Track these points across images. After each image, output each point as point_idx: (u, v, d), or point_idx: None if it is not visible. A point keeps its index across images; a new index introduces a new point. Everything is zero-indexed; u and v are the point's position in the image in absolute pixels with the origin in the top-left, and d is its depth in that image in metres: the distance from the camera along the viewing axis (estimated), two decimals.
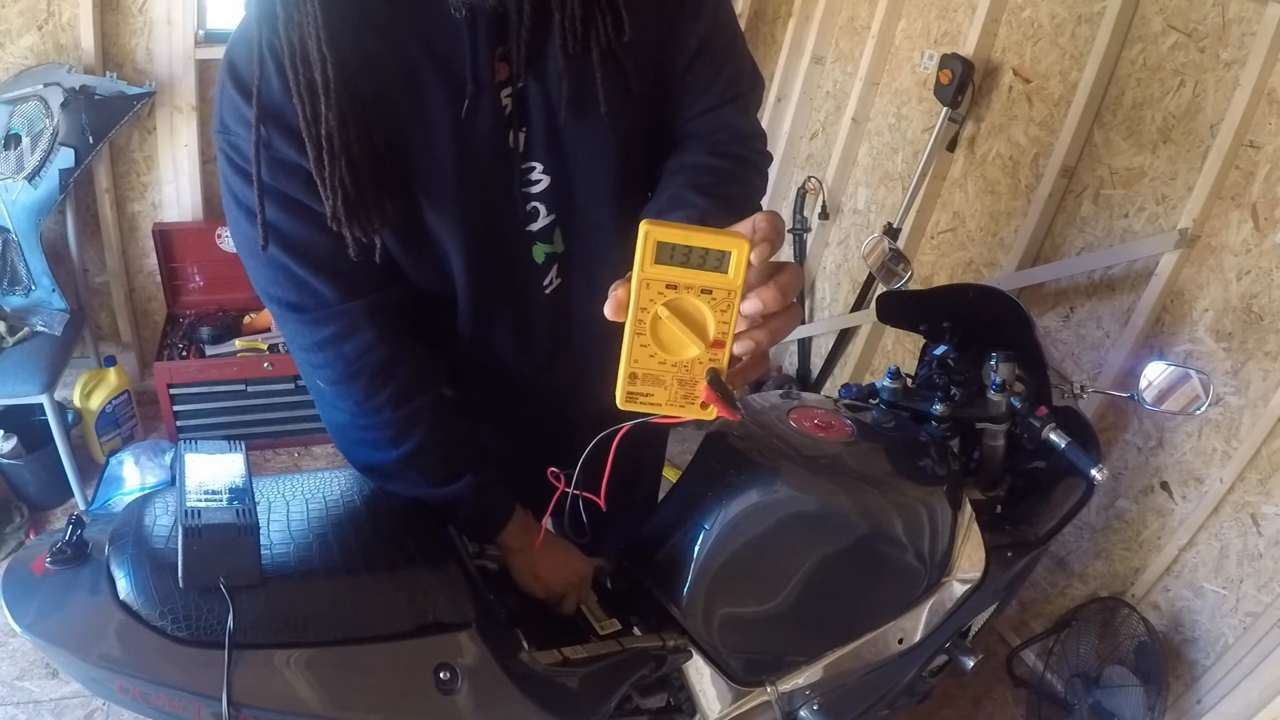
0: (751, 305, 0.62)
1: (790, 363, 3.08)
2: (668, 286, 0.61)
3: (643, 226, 0.59)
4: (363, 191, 0.84)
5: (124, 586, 0.84)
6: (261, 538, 0.89)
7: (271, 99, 0.81)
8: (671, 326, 0.62)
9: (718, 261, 0.60)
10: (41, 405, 2.15)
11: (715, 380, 0.64)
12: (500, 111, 0.88)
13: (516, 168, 0.92)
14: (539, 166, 0.93)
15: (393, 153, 0.86)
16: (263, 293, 0.94)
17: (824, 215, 2.87)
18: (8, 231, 2.23)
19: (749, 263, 0.60)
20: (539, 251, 1.00)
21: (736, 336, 0.64)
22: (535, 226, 0.98)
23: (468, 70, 0.84)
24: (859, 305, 2.67)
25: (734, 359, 0.65)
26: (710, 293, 0.61)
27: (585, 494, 0.92)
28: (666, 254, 0.60)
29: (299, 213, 0.87)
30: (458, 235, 0.93)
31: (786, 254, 2.87)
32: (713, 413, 0.66)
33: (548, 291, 1.04)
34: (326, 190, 0.83)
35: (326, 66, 0.78)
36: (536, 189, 0.95)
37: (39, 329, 2.27)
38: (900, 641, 1.31)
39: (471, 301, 1.00)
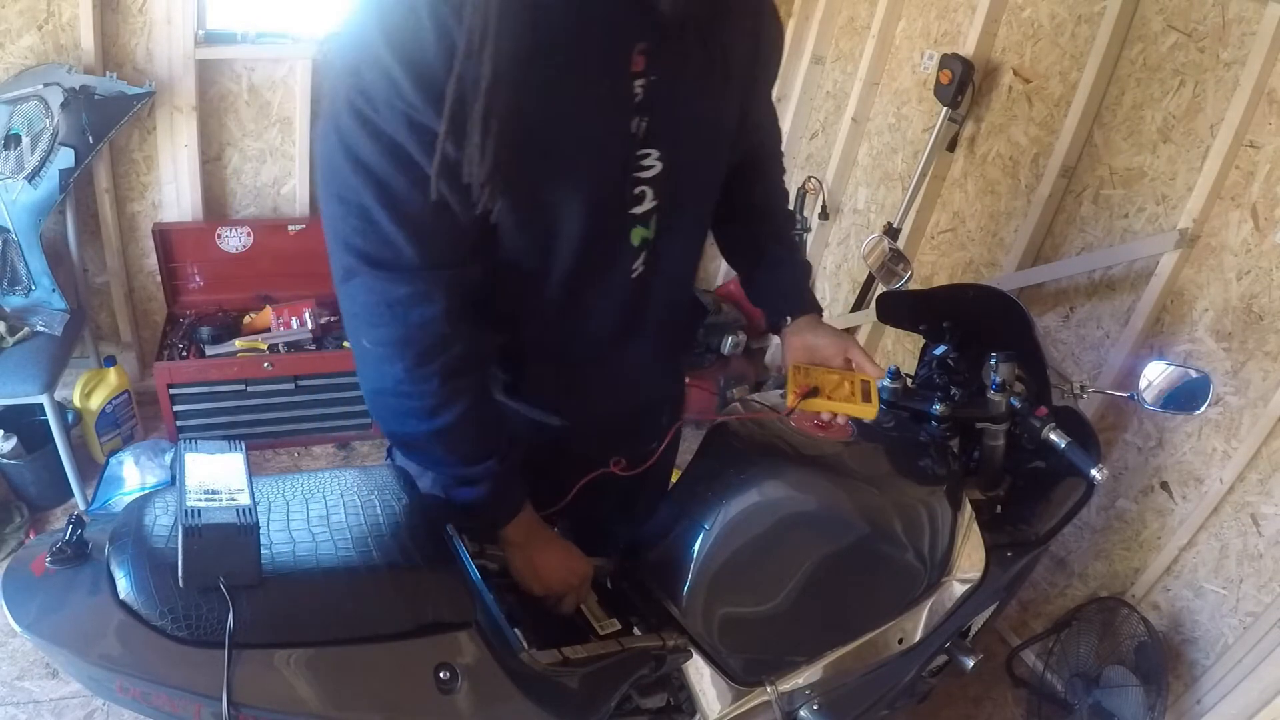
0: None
1: None
2: (844, 368, 1.21)
3: (873, 382, 1.19)
4: (502, 161, 0.87)
5: (124, 586, 0.84)
6: (261, 538, 0.89)
7: (421, 55, 0.83)
8: (827, 375, 1.19)
9: (865, 392, 1.17)
10: (41, 405, 2.15)
11: (807, 393, 1.15)
12: (631, 99, 0.95)
13: (634, 152, 0.99)
14: (655, 153, 1.00)
15: (534, 123, 0.90)
16: (341, 243, 0.93)
17: (824, 215, 2.87)
18: (8, 231, 2.23)
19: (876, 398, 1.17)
20: (636, 235, 1.06)
21: (823, 407, 1.17)
22: (639, 210, 1.03)
23: (614, 59, 0.93)
24: (859, 305, 2.67)
25: (816, 414, 1.18)
26: (850, 391, 1.17)
27: (627, 470, 1.14)
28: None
29: (409, 170, 0.88)
30: (576, 208, 0.98)
31: None
32: (792, 398, 1.15)
33: (634, 276, 1.09)
34: (479, 153, 0.85)
35: (494, 55, 0.82)
36: (648, 174, 1.01)
37: (39, 329, 2.27)
38: (900, 641, 1.31)
39: (567, 276, 1.04)
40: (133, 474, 2.36)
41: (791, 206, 2.88)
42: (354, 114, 0.86)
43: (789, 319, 1.25)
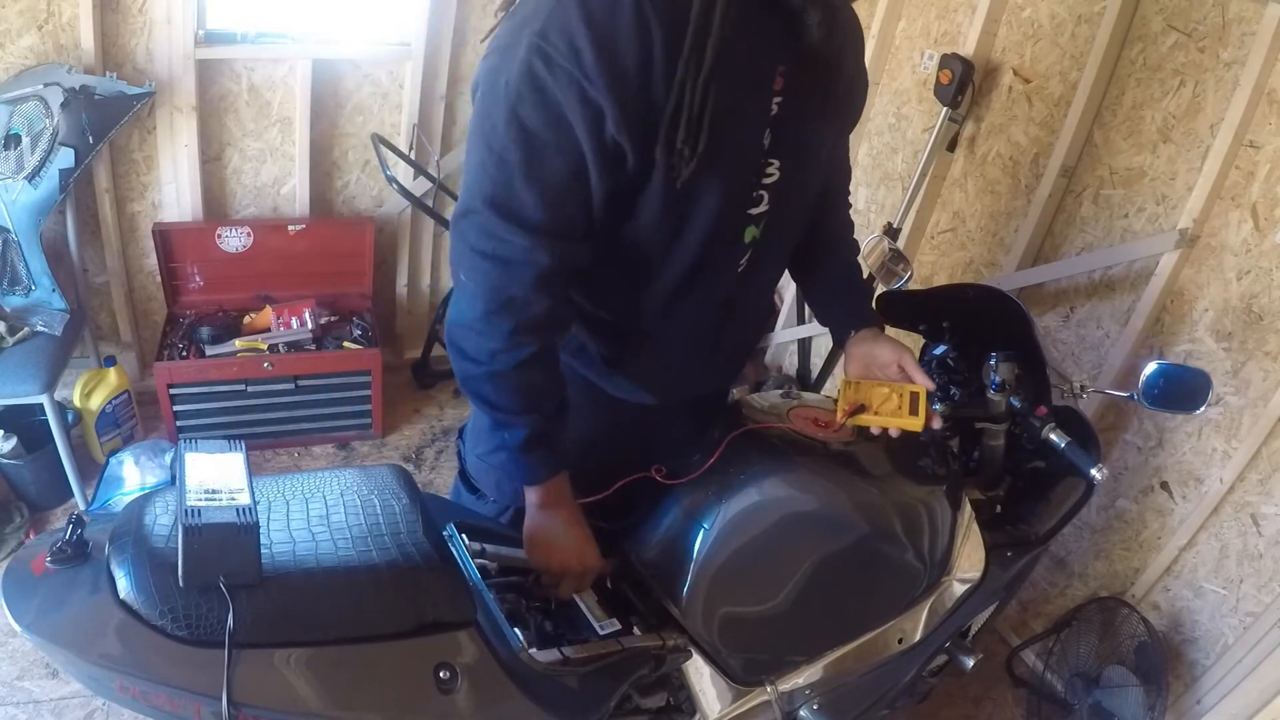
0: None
1: (790, 362, 3.08)
2: (899, 375, 1.26)
3: (923, 394, 1.22)
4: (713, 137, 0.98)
5: (124, 586, 0.84)
6: (261, 537, 0.89)
7: (613, 37, 0.90)
8: (875, 389, 1.25)
9: (914, 405, 1.21)
10: (41, 405, 2.15)
11: (855, 410, 1.22)
12: (769, 112, 1.06)
13: (761, 159, 1.10)
14: (776, 163, 1.11)
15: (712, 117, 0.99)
16: (476, 186, 1.00)
17: None
18: (8, 231, 2.23)
19: (927, 412, 1.21)
20: (748, 233, 1.16)
21: (871, 422, 1.22)
22: (755, 211, 1.14)
23: (764, 75, 1.04)
24: None
25: (862, 427, 1.24)
26: (898, 405, 1.22)
27: (668, 480, 1.19)
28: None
29: (562, 136, 0.95)
30: (713, 200, 1.07)
31: None
32: (841, 414, 1.23)
33: (739, 270, 1.19)
34: (698, 127, 0.95)
35: (716, 45, 0.93)
36: (768, 181, 1.12)
37: (39, 329, 2.27)
38: (900, 641, 1.31)
39: (689, 263, 1.13)
40: (133, 474, 2.36)
41: None
42: (526, 73, 0.92)
43: (853, 333, 1.37)
